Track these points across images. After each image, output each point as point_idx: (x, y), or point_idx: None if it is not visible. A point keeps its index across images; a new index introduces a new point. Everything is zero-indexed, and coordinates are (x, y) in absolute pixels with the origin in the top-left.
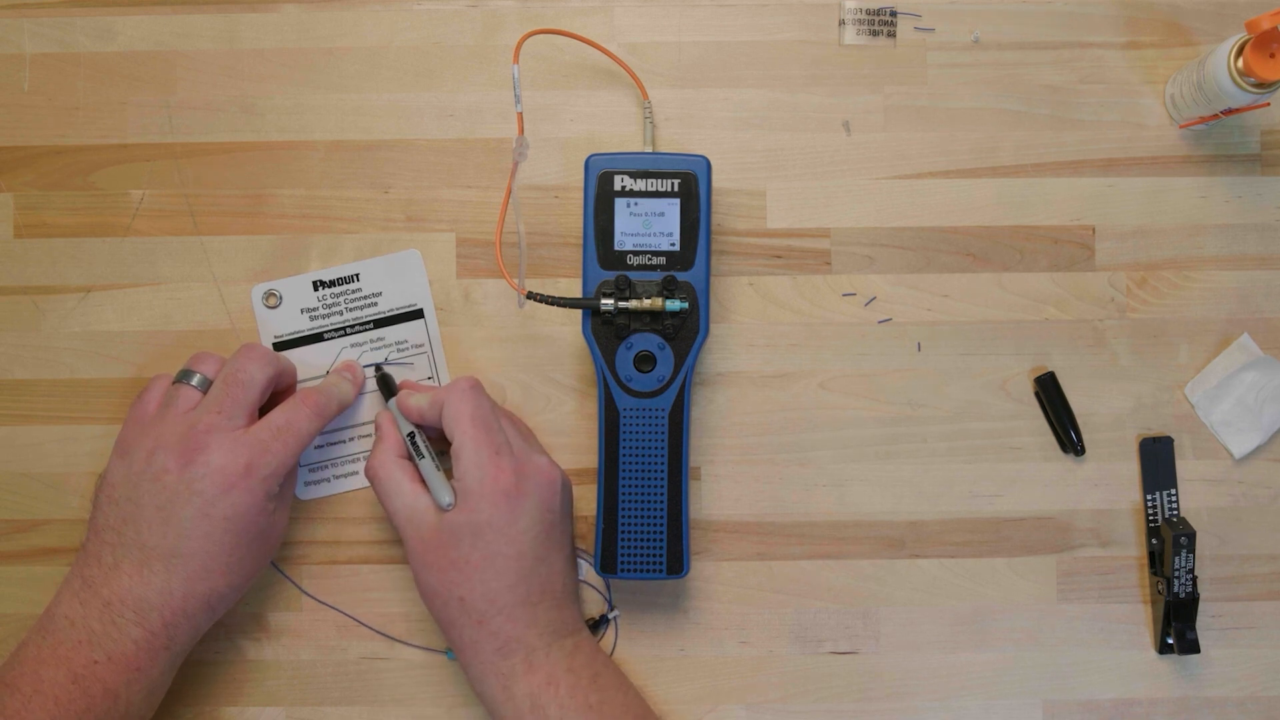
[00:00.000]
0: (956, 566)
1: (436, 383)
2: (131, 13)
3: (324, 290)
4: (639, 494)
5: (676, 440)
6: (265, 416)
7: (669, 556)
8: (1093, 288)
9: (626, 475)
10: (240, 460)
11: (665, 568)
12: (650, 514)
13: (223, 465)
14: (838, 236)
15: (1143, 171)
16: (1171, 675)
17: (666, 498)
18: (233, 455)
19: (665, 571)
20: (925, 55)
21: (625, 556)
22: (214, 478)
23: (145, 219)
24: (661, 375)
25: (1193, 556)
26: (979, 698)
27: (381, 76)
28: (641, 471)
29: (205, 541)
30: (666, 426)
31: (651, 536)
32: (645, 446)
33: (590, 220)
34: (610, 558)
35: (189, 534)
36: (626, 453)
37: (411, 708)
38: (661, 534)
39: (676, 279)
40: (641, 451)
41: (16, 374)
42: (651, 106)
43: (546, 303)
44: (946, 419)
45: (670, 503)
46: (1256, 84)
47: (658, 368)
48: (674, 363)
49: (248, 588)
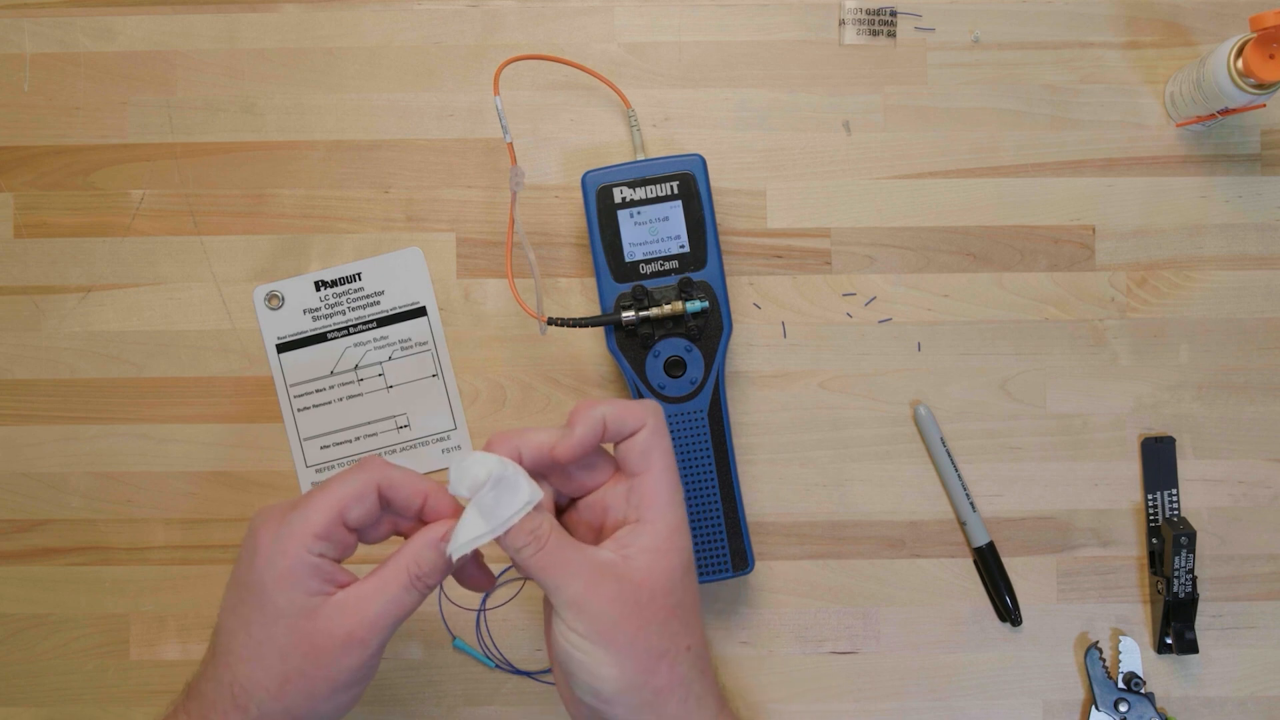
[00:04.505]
0: (956, 566)
1: (440, 382)
2: (131, 13)
3: (326, 290)
4: (692, 499)
5: (720, 439)
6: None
7: (732, 554)
8: (1093, 288)
9: None
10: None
11: (730, 566)
12: (707, 516)
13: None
14: (838, 236)
15: (1143, 171)
16: (1171, 675)
17: (720, 497)
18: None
19: (731, 569)
20: (925, 55)
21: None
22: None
23: (145, 219)
24: (694, 378)
25: (1193, 556)
26: (979, 698)
27: (381, 76)
28: (691, 476)
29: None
30: (707, 427)
31: (712, 538)
32: (690, 451)
33: (597, 236)
34: None
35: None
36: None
37: (411, 707)
38: (721, 534)
39: (692, 279)
40: (687, 456)
41: (16, 374)
42: (637, 114)
43: (568, 325)
44: (947, 419)
45: (725, 501)
46: (1256, 85)
47: (688, 371)
48: (704, 363)
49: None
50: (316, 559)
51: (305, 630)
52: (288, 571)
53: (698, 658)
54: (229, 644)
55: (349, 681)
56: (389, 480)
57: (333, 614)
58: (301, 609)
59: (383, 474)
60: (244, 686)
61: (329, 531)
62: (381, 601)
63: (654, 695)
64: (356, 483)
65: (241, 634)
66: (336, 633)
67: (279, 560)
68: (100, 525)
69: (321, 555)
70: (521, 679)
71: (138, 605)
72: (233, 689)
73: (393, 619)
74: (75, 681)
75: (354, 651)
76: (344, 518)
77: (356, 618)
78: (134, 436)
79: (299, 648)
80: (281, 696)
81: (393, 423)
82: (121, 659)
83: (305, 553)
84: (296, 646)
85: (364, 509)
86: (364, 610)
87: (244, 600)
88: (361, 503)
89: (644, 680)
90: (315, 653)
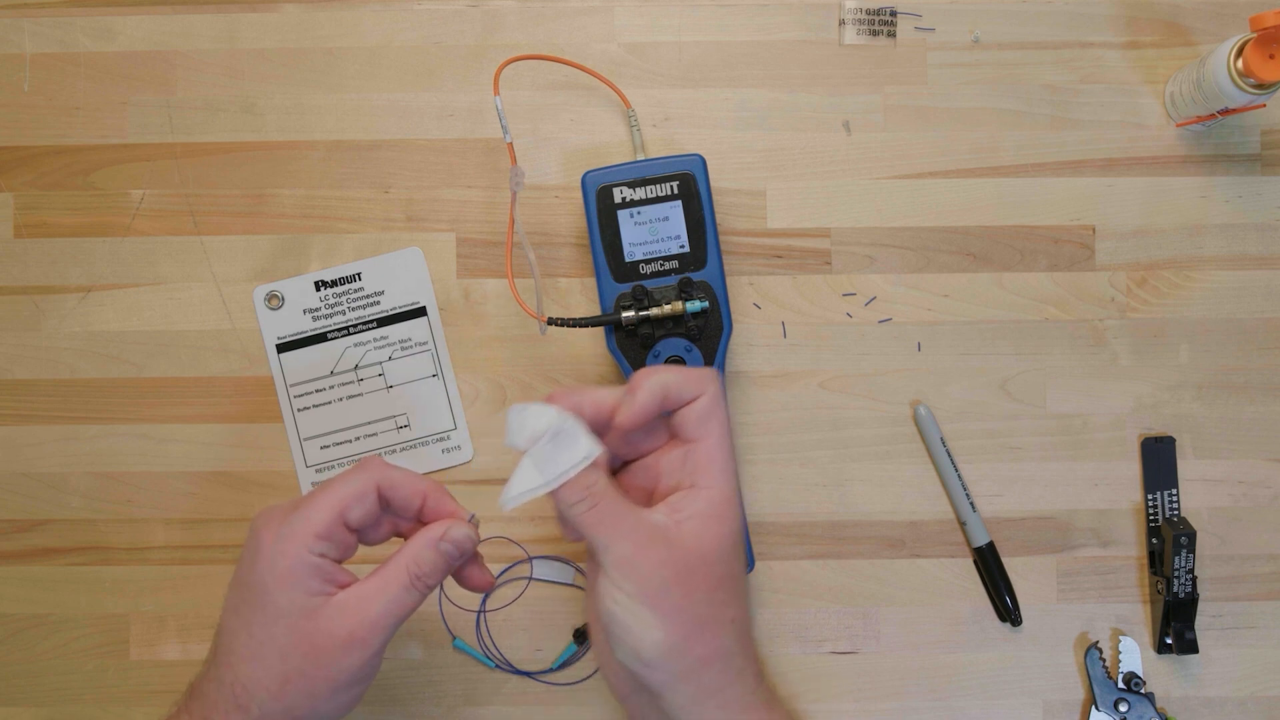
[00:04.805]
0: (956, 566)
1: (440, 382)
2: (131, 13)
3: (326, 290)
4: None
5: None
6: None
7: None
8: (1093, 288)
9: None
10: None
11: None
12: None
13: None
14: (838, 236)
15: (1143, 171)
16: (1171, 675)
17: None
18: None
19: None
20: (925, 55)
21: None
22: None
23: (145, 219)
24: None
25: (1193, 556)
26: (979, 698)
27: (381, 76)
28: None
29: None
30: None
31: None
32: None
33: (597, 236)
34: None
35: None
36: None
37: (411, 707)
38: None
39: (692, 279)
40: None
41: (16, 374)
42: (637, 114)
43: (568, 325)
44: (947, 419)
45: None
46: (1256, 85)
47: None
48: (704, 363)
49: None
50: (317, 559)
51: (306, 630)
52: (289, 571)
53: (741, 631)
54: (230, 644)
55: (349, 681)
56: (389, 480)
57: (333, 614)
58: (302, 609)
59: (382, 474)
60: (245, 686)
61: (330, 532)
62: (382, 602)
63: (695, 663)
64: (357, 483)
65: (243, 634)
66: (337, 633)
67: (280, 560)
68: (100, 525)
69: (322, 555)
70: (521, 679)
71: (138, 605)
72: (234, 689)
73: (393, 619)
74: (75, 681)
75: (355, 651)
76: (344, 518)
77: (357, 618)
78: (134, 436)
79: (299, 648)
80: (282, 696)
81: (393, 423)
82: (121, 659)
83: (306, 553)
84: (297, 646)
85: (364, 509)
86: (365, 610)
87: (245, 600)
88: (362, 503)
89: (687, 647)
90: (316, 653)
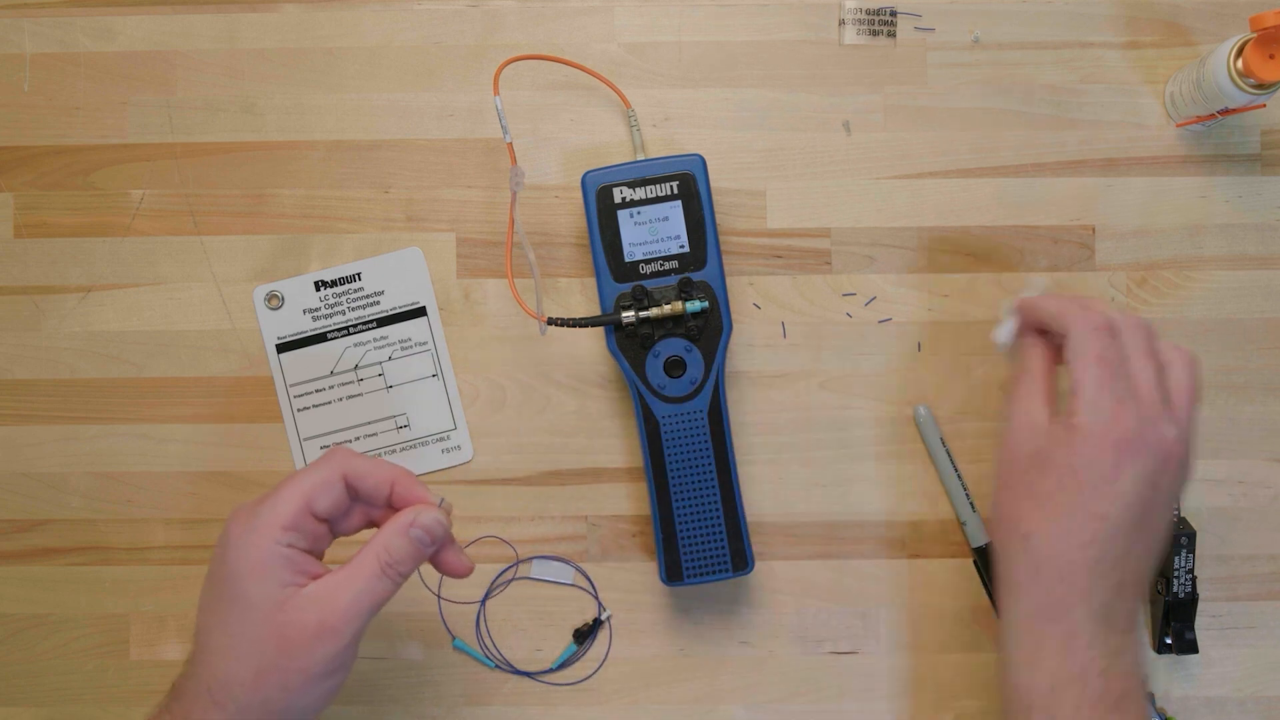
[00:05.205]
0: (956, 566)
1: (440, 382)
2: (131, 13)
3: (326, 290)
4: (692, 499)
5: (720, 439)
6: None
7: (732, 555)
8: (1093, 288)
9: (677, 482)
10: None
11: (730, 566)
12: (706, 516)
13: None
14: (838, 236)
15: (1142, 171)
16: (1171, 675)
17: (720, 497)
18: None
19: (731, 569)
20: (925, 55)
21: (689, 562)
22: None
23: (145, 219)
24: (693, 378)
25: (1193, 556)
26: (978, 698)
27: (381, 76)
28: (690, 476)
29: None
30: (707, 427)
31: (711, 538)
32: (690, 451)
33: (597, 236)
34: (675, 566)
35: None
36: (673, 460)
37: (411, 707)
38: (721, 534)
39: (692, 280)
40: (687, 456)
41: (16, 374)
42: (637, 114)
43: (568, 325)
44: (946, 419)
45: (724, 501)
46: (1256, 85)
47: (688, 371)
48: (704, 363)
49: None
50: (287, 550)
51: (277, 622)
52: (259, 564)
53: (1030, 552)
54: (205, 640)
55: (323, 673)
56: (354, 469)
57: (304, 604)
58: (274, 600)
59: (348, 463)
60: (221, 681)
61: (297, 522)
62: (353, 590)
63: (994, 547)
64: (322, 473)
65: (217, 630)
66: (308, 623)
67: (250, 553)
68: (100, 525)
69: (291, 546)
70: (521, 679)
71: (138, 605)
72: (210, 685)
73: (365, 608)
74: (75, 681)
75: (327, 641)
76: (311, 508)
77: (328, 607)
78: (134, 436)
79: (271, 639)
80: (257, 690)
81: (392, 423)
82: (121, 659)
83: (274, 544)
84: (269, 639)
85: (331, 498)
86: (335, 599)
87: (219, 596)
88: (328, 492)
89: (990, 528)
90: (287, 644)
